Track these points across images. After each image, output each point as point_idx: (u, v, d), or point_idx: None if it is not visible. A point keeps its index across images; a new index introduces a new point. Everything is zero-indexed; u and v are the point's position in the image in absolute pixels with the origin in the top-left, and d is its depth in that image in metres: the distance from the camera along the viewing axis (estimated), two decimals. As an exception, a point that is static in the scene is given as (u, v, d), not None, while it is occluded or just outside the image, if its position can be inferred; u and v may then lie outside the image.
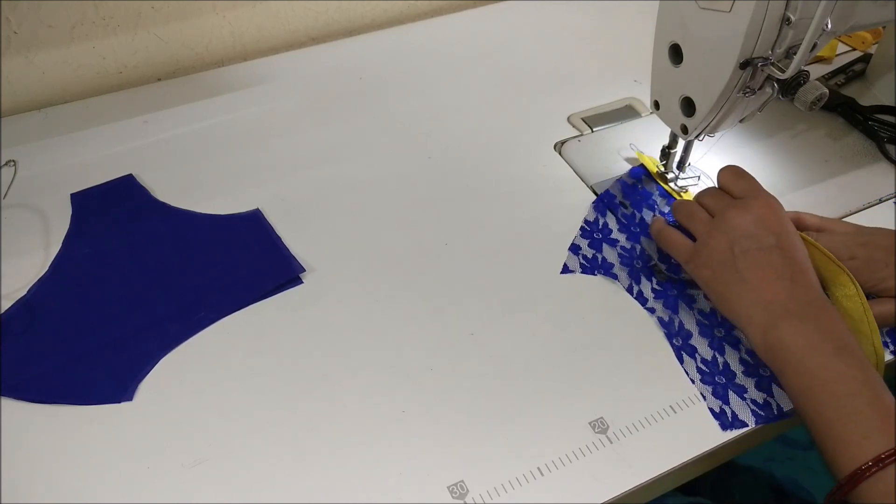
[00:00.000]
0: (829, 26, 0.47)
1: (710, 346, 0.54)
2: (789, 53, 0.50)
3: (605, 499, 0.46)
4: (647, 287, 0.58)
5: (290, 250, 0.61)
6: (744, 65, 0.51)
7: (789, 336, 0.47)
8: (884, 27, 0.75)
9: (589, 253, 0.61)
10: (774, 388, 0.52)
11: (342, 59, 0.82)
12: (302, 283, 0.59)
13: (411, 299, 0.57)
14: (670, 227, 0.57)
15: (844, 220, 0.61)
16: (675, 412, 0.51)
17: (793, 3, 0.48)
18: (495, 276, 0.59)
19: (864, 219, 0.63)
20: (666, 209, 0.64)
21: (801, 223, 0.58)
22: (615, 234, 0.62)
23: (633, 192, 0.65)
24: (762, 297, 0.49)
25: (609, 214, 0.63)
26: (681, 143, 0.64)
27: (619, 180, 0.66)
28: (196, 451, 0.48)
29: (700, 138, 0.60)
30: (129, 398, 0.51)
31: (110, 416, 0.50)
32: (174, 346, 0.54)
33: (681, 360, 0.54)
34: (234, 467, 0.48)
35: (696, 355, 0.54)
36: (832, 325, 0.47)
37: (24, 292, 0.57)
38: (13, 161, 0.68)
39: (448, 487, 0.47)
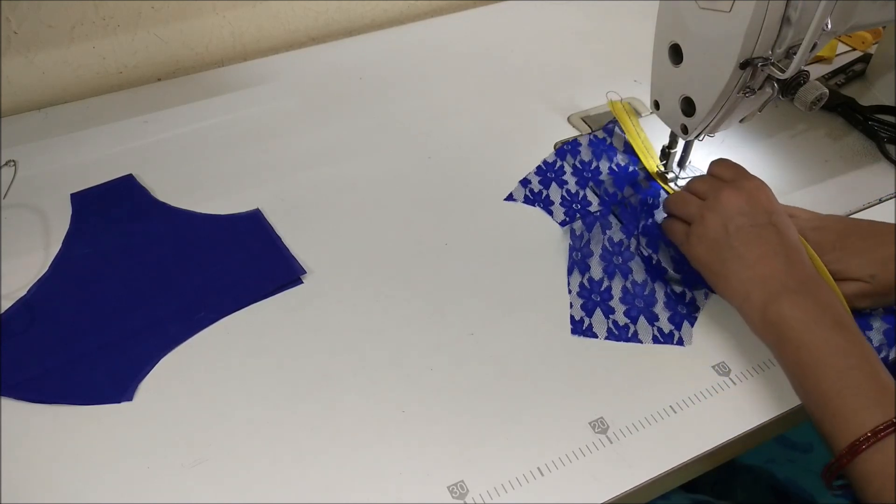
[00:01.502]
0: (829, 26, 0.47)
1: (604, 270, 0.59)
2: (789, 53, 0.50)
3: (605, 499, 0.46)
4: (578, 223, 0.61)
5: (290, 250, 0.61)
6: (744, 65, 0.51)
7: (789, 311, 0.48)
8: (884, 27, 0.75)
9: (536, 188, 0.66)
10: (641, 319, 0.56)
11: (342, 59, 0.82)
12: (302, 283, 0.59)
13: (411, 299, 0.57)
14: (670, 217, 0.59)
15: (805, 209, 0.61)
16: (675, 412, 0.51)
17: (793, 3, 0.48)
18: (495, 275, 0.59)
19: (864, 218, 0.63)
20: (623, 163, 0.67)
21: None
22: (566, 177, 0.67)
23: (600, 144, 0.68)
24: (759, 273, 0.50)
25: (568, 159, 0.68)
26: (681, 143, 0.64)
27: (591, 135, 0.69)
28: (196, 451, 0.48)
29: (700, 138, 0.60)
30: (129, 398, 0.51)
31: (110, 416, 0.50)
32: (174, 346, 0.54)
33: (570, 272, 0.58)
34: (234, 467, 0.48)
35: (587, 273, 0.58)
36: (830, 301, 0.48)
37: (24, 292, 0.57)
38: (13, 161, 0.68)
39: (448, 487, 0.47)
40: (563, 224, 0.63)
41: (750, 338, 0.54)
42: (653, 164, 0.67)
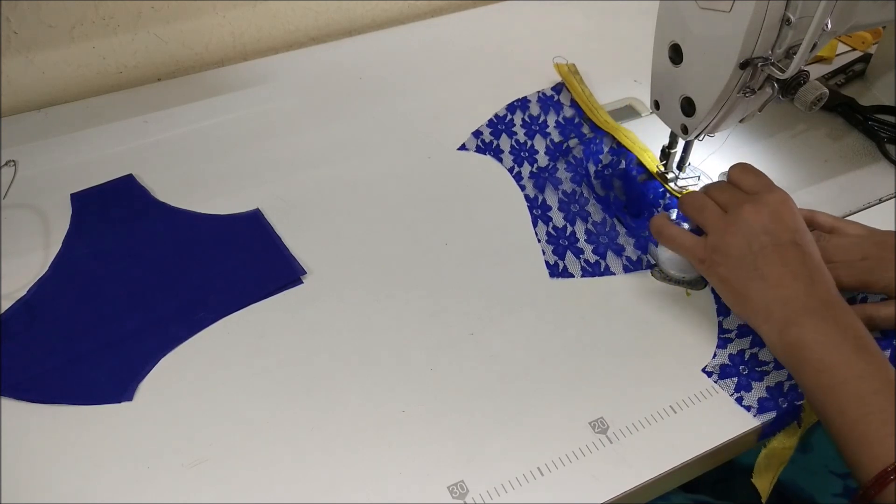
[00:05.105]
0: (829, 26, 0.47)
1: (565, 218, 0.63)
2: (789, 53, 0.50)
3: (605, 499, 0.46)
4: (525, 170, 0.67)
5: (290, 250, 0.61)
6: (744, 65, 0.51)
7: (809, 333, 0.46)
8: (884, 27, 0.75)
9: (488, 139, 0.71)
10: (609, 253, 0.60)
11: (342, 59, 0.82)
12: (302, 283, 0.59)
13: (411, 299, 0.57)
14: (673, 225, 0.56)
15: (852, 221, 0.61)
16: (675, 412, 0.51)
17: (793, 3, 0.48)
18: (495, 275, 0.59)
19: (864, 218, 0.62)
20: (570, 115, 0.72)
21: (814, 222, 0.58)
22: (516, 129, 0.72)
23: (548, 101, 0.74)
24: (780, 294, 0.48)
25: (518, 114, 0.73)
26: (681, 143, 0.64)
27: (540, 92, 0.75)
28: (196, 451, 0.48)
29: (700, 138, 0.60)
30: (129, 398, 0.51)
31: (110, 416, 0.50)
32: (174, 346, 0.54)
33: (535, 225, 0.63)
34: (234, 467, 0.48)
35: (550, 223, 0.62)
36: (851, 324, 0.47)
37: (24, 292, 0.57)
38: (13, 161, 0.68)
39: (448, 487, 0.47)
40: (510, 170, 0.67)
41: (750, 338, 0.54)
42: (599, 117, 0.71)
